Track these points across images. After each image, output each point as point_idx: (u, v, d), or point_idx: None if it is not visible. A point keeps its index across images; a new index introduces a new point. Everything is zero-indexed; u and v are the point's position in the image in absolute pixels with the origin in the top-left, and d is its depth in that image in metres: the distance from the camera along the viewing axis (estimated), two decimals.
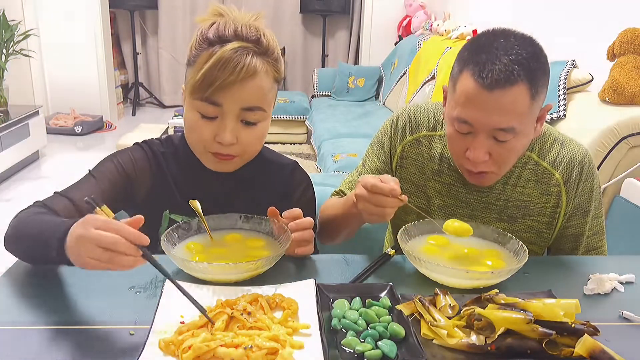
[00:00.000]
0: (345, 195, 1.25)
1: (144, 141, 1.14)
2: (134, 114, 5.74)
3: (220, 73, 0.94)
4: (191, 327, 0.77)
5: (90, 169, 1.07)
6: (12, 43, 3.93)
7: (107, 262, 0.75)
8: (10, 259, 0.99)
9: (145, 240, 0.77)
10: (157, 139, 1.16)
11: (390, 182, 0.97)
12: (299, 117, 4.70)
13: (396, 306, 0.83)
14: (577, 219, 1.14)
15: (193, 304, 0.79)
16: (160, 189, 1.10)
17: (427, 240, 1.06)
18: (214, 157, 1.03)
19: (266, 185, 1.15)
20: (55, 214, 0.95)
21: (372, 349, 0.73)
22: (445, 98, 1.07)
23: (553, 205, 1.12)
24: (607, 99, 2.12)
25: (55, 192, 1.01)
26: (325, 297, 0.87)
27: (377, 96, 4.98)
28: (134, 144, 1.13)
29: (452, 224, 1.02)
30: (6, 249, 0.94)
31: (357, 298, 0.85)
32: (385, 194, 0.96)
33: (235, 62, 0.94)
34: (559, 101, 2.27)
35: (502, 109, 0.95)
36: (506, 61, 0.93)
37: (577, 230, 1.15)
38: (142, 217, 0.81)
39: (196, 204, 1.02)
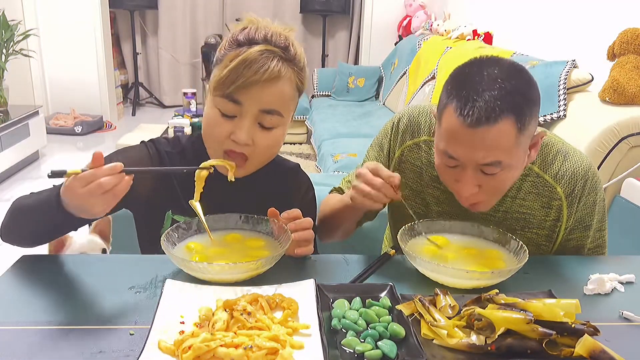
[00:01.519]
0: (344, 193, 1.25)
1: (151, 140, 1.14)
2: (134, 114, 5.74)
3: (244, 71, 0.95)
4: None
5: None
6: (12, 43, 3.92)
7: (113, 199, 0.84)
8: (11, 259, 0.99)
9: (119, 166, 0.85)
10: (164, 138, 1.16)
11: (393, 176, 1.01)
12: (299, 117, 4.69)
13: (396, 306, 0.83)
14: (579, 233, 1.12)
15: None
16: (164, 189, 1.10)
17: (427, 240, 1.06)
18: (227, 156, 1.03)
19: (269, 188, 1.15)
20: None
21: (372, 349, 0.73)
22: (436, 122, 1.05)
23: (553, 219, 1.10)
24: (607, 99, 2.11)
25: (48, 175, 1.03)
26: (325, 297, 0.87)
27: (377, 96, 4.98)
28: (140, 143, 1.13)
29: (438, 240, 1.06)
30: (4, 239, 0.99)
31: (357, 298, 0.85)
32: (373, 172, 1.00)
33: (261, 63, 0.96)
34: (559, 101, 2.27)
35: (486, 145, 0.92)
36: (487, 97, 0.90)
37: (578, 243, 1.13)
38: (102, 153, 0.89)
39: (196, 205, 1.02)
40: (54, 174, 0.85)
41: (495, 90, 0.91)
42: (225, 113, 0.99)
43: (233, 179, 1.03)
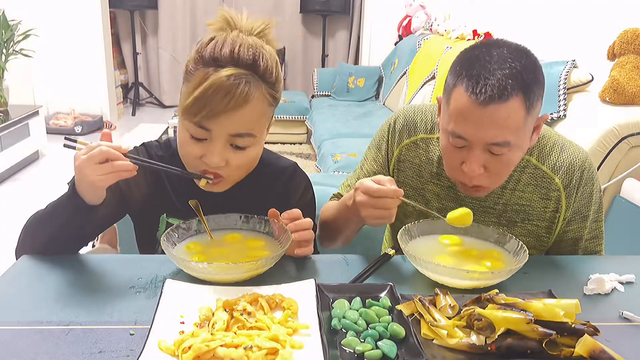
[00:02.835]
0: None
1: (143, 144, 1.14)
2: (134, 113, 5.74)
3: (210, 100, 0.92)
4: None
5: None
6: (12, 43, 3.92)
7: (111, 171, 0.88)
8: (11, 259, 0.99)
9: (123, 149, 0.90)
10: (156, 141, 1.15)
11: (387, 183, 0.98)
12: (299, 117, 4.70)
13: (396, 306, 0.83)
14: (576, 224, 1.13)
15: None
16: (158, 193, 1.10)
17: (427, 241, 1.06)
18: (203, 174, 1.01)
19: (265, 189, 1.14)
20: None
21: (372, 349, 0.73)
22: (439, 108, 1.06)
23: (552, 210, 1.11)
24: (607, 99, 2.12)
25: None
26: (325, 297, 0.87)
27: (377, 96, 4.98)
28: (133, 148, 1.12)
29: (453, 214, 1.02)
30: (20, 254, 1.01)
31: (357, 298, 0.85)
32: (390, 196, 0.97)
33: (226, 91, 0.92)
34: (559, 101, 2.27)
35: (497, 123, 0.93)
36: (500, 75, 0.91)
37: (576, 234, 1.14)
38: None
39: (195, 205, 1.02)
40: (67, 140, 0.91)
41: (506, 69, 0.92)
42: (195, 136, 0.97)
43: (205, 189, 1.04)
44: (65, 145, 0.92)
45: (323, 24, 5.80)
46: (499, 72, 0.92)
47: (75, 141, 0.92)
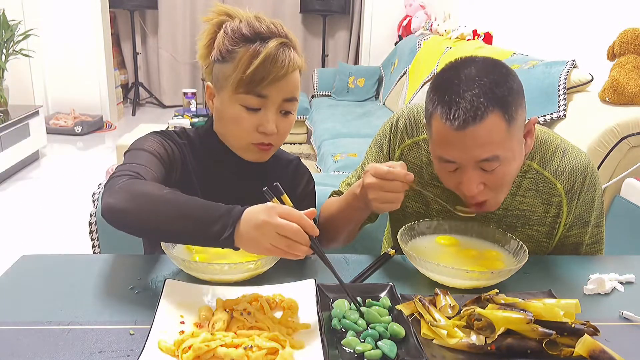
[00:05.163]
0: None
1: (162, 132, 1.10)
2: (134, 114, 5.74)
3: (269, 69, 0.99)
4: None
5: (142, 147, 1.03)
6: (12, 43, 3.92)
7: (285, 249, 0.80)
8: (11, 259, 0.99)
9: (317, 231, 0.82)
10: (173, 130, 1.14)
11: (398, 167, 0.99)
12: (299, 117, 4.69)
13: (396, 306, 0.83)
14: (577, 229, 1.12)
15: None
16: (185, 178, 1.10)
17: (427, 241, 1.06)
18: (255, 147, 1.06)
19: (274, 180, 1.15)
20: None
21: (372, 349, 0.73)
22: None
23: (553, 216, 1.10)
24: (607, 99, 2.11)
25: (126, 166, 0.95)
26: (325, 297, 0.87)
27: (377, 96, 4.97)
28: (156, 132, 1.09)
29: (440, 241, 1.04)
30: (112, 222, 0.87)
31: (357, 298, 0.85)
32: (400, 179, 0.97)
33: (282, 58, 1.00)
34: (559, 101, 2.27)
35: (479, 143, 0.92)
36: (469, 97, 0.91)
37: (577, 239, 1.13)
38: (316, 210, 0.89)
39: None
40: (267, 193, 0.86)
41: (475, 88, 0.92)
42: (251, 107, 1.02)
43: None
44: (265, 193, 0.85)
45: (323, 24, 5.80)
46: (468, 93, 0.91)
47: (276, 195, 0.85)
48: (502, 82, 0.93)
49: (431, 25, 4.47)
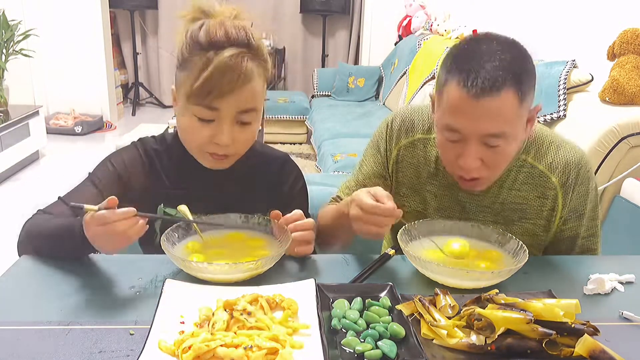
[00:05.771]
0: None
1: (140, 139, 1.17)
2: (134, 113, 5.74)
3: (218, 81, 0.96)
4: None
5: (90, 172, 1.12)
6: (12, 43, 3.92)
7: (123, 240, 0.87)
8: (11, 259, 0.99)
9: (132, 210, 0.88)
10: (152, 136, 1.18)
11: (385, 199, 0.97)
12: (299, 117, 4.70)
13: (396, 306, 0.83)
14: (573, 222, 1.14)
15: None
16: (155, 185, 1.13)
17: (427, 241, 1.06)
18: (210, 156, 1.05)
19: (258, 178, 1.17)
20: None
21: (372, 349, 0.73)
22: (433, 105, 1.06)
23: (549, 209, 1.12)
24: (607, 99, 2.11)
25: (58, 197, 1.03)
26: (325, 297, 0.87)
27: (377, 96, 4.98)
28: (130, 143, 1.16)
29: (450, 246, 1.03)
30: (21, 253, 1.01)
31: (357, 298, 0.85)
32: (387, 215, 0.96)
33: (233, 70, 0.96)
34: (559, 101, 2.27)
35: (490, 115, 0.94)
36: (490, 67, 0.93)
37: (572, 232, 1.14)
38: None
39: (184, 209, 1.03)
40: (73, 208, 0.89)
41: (497, 61, 0.93)
42: (203, 118, 1.01)
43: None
44: (71, 208, 0.89)
45: (323, 24, 5.80)
46: (489, 64, 0.93)
47: (81, 208, 0.88)
48: (521, 61, 0.96)
49: (431, 25, 4.47)
